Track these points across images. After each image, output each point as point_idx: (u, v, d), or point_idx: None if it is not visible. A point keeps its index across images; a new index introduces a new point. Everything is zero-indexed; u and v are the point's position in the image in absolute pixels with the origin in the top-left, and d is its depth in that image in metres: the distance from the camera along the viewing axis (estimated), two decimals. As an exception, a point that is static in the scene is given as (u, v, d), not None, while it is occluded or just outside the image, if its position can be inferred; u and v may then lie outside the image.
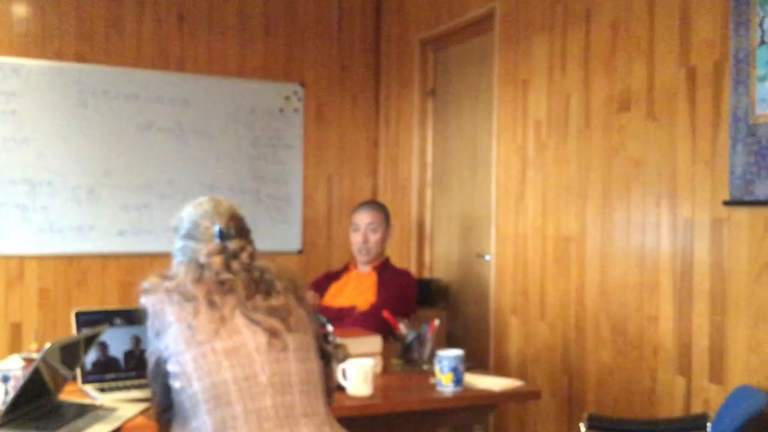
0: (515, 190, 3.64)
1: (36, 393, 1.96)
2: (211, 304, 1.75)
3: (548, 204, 3.41)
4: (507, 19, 3.73)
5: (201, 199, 1.97)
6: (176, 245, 1.93)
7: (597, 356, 3.10)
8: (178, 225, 1.94)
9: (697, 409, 2.63)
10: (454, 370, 2.33)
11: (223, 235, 1.86)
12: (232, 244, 1.86)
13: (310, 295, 3.07)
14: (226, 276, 1.80)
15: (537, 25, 3.50)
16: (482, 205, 3.98)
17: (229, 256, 1.84)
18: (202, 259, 1.83)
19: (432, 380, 2.41)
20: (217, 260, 1.82)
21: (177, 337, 1.72)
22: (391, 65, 4.87)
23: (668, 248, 2.78)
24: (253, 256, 1.88)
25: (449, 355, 2.35)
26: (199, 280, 1.79)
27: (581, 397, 3.17)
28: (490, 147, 3.86)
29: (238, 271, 1.82)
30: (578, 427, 2.64)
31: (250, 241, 1.92)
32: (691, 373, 2.67)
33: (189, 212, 1.94)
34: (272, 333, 1.76)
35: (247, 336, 1.74)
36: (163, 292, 1.77)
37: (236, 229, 1.90)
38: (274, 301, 1.81)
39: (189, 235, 1.89)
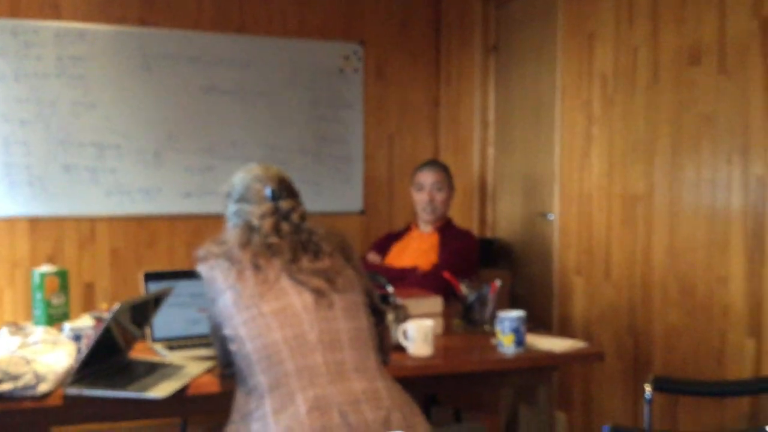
0: (580, 147, 3.55)
1: (108, 351, 2.03)
2: (257, 267, 1.84)
3: (614, 162, 3.33)
4: (571, -29, 3.60)
5: (250, 165, 2.09)
6: (230, 210, 2.04)
7: (664, 317, 3.03)
8: (230, 190, 2.06)
9: (767, 371, 2.56)
10: (516, 331, 2.32)
11: (274, 196, 1.97)
12: (284, 204, 1.96)
13: (368, 255, 3.07)
14: (273, 240, 1.89)
15: (603, -24, 3.38)
16: (545, 163, 3.91)
17: (281, 217, 1.94)
18: (255, 222, 1.93)
19: (493, 341, 2.41)
20: (268, 222, 1.92)
21: (227, 303, 1.82)
22: (452, 21, 4.78)
23: (739, 206, 2.69)
24: (303, 216, 1.98)
25: (510, 316, 2.33)
26: (246, 244, 1.88)
27: (647, 359, 3.12)
28: (554, 103, 3.77)
29: (287, 234, 1.91)
30: (644, 389, 2.60)
31: (299, 203, 2.02)
32: (761, 335, 2.60)
33: (240, 177, 2.05)
34: (318, 293, 1.83)
35: (293, 297, 1.82)
36: (213, 258, 1.87)
37: (286, 190, 2.01)
38: (320, 264, 1.88)
39: (242, 198, 2.00)
